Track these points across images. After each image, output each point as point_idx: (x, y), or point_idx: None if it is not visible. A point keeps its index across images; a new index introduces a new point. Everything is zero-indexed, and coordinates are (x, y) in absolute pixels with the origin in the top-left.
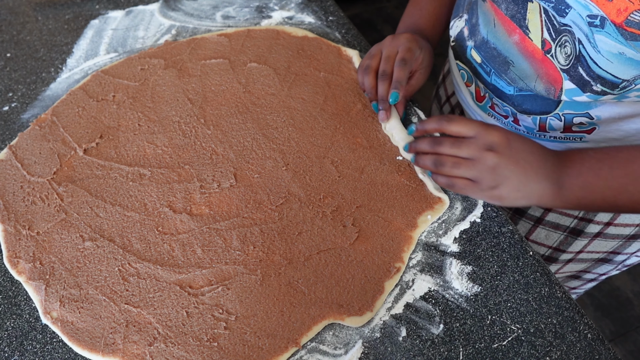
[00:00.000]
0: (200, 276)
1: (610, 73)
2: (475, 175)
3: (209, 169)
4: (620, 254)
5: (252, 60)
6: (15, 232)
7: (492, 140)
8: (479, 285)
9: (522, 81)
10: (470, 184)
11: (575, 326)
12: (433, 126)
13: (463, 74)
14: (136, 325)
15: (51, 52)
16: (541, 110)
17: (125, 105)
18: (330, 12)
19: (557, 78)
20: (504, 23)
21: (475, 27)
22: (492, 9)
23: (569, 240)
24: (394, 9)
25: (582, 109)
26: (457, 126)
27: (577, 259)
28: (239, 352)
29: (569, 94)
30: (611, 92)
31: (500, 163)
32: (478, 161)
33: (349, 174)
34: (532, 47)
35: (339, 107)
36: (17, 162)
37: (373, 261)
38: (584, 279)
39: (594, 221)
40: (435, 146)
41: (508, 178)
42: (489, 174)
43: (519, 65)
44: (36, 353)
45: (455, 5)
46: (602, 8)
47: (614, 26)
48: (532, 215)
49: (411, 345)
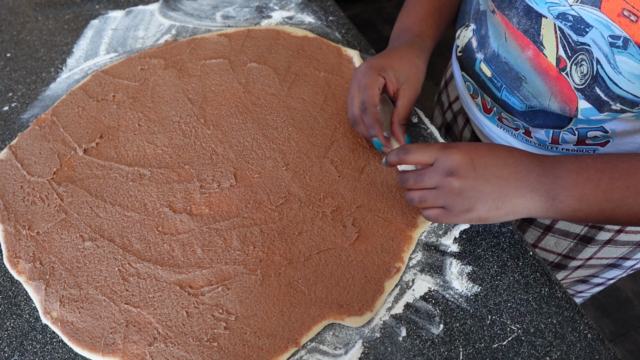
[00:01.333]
0: (200, 276)
1: (631, 93)
2: (444, 203)
3: (209, 169)
4: (629, 259)
5: (252, 60)
6: (15, 232)
7: (451, 164)
8: (479, 285)
9: (535, 99)
10: (442, 211)
11: (575, 326)
12: (394, 159)
13: (469, 86)
14: (136, 325)
15: (51, 52)
16: (554, 125)
17: (125, 105)
18: (330, 12)
19: (572, 97)
20: (516, 37)
21: (485, 39)
22: (502, 22)
23: (579, 248)
24: (394, 9)
25: (596, 123)
26: (415, 156)
27: (586, 265)
28: (239, 352)
29: (585, 113)
30: (630, 111)
31: (466, 186)
32: (442, 189)
33: (349, 174)
34: (546, 64)
35: (339, 107)
36: (17, 162)
37: (373, 261)
38: (592, 283)
39: (605, 228)
40: (402, 183)
41: (480, 199)
42: (456, 200)
43: (532, 82)
44: (36, 353)
45: (460, 12)
46: (625, 29)
47: (637, 47)
48: (542, 223)
49: (411, 345)
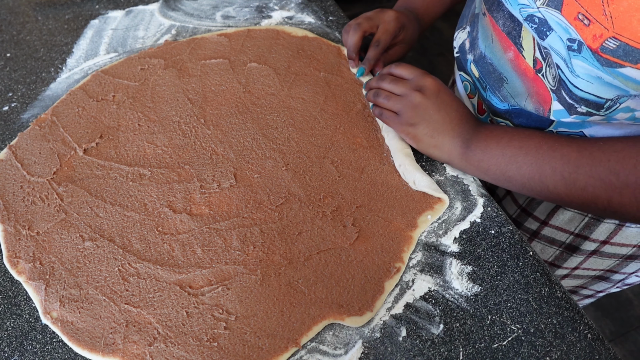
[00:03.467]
0: (200, 276)
1: (592, 94)
2: (399, 109)
3: (209, 169)
4: (617, 272)
5: (252, 60)
6: (15, 232)
7: (423, 84)
8: (479, 285)
9: (513, 99)
10: (394, 115)
11: (575, 326)
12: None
13: (466, 85)
14: (136, 325)
15: (51, 52)
16: (535, 126)
17: (125, 105)
18: (330, 12)
19: (547, 98)
20: (500, 39)
21: (475, 41)
22: (490, 23)
23: (565, 256)
24: None
25: (575, 128)
26: (400, 69)
27: (573, 275)
28: (239, 352)
29: (556, 115)
30: (597, 113)
31: (422, 103)
32: (405, 97)
33: (349, 174)
34: (524, 65)
35: (339, 107)
36: (17, 162)
37: (373, 261)
38: (581, 295)
39: (590, 238)
40: (379, 81)
41: (425, 120)
42: (410, 110)
43: (512, 83)
44: (36, 353)
45: (460, 15)
46: (579, 32)
47: (590, 51)
48: (529, 228)
49: (411, 345)
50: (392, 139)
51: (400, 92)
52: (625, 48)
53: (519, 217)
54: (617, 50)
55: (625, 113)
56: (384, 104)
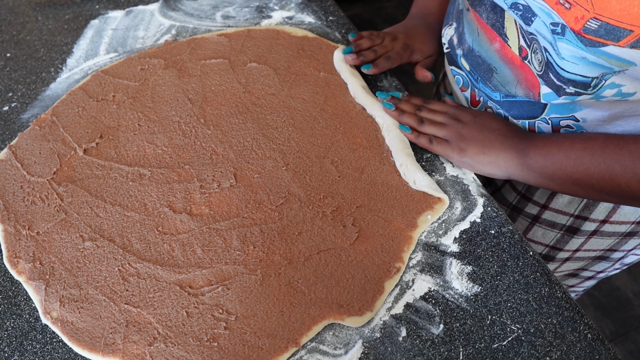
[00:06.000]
0: (200, 276)
1: (578, 74)
2: (446, 135)
3: (209, 169)
4: (617, 251)
5: (252, 60)
6: (15, 232)
7: (460, 114)
8: (479, 285)
9: (504, 87)
10: (445, 142)
11: (575, 326)
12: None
13: (458, 79)
14: (136, 325)
15: (51, 52)
16: (528, 115)
17: (125, 105)
18: (330, 12)
19: (535, 83)
20: (486, 32)
21: (462, 36)
22: (475, 18)
23: (566, 239)
24: (394, 9)
25: (567, 112)
26: (435, 104)
27: (575, 257)
28: (239, 352)
29: (546, 98)
30: (585, 92)
31: (465, 129)
32: (448, 126)
33: (349, 174)
34: (511, 54)
35: (339, 107)
36: (17, 162)
37: (373, 261)
38: (582, 277)
39: (589, 219)
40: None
41: (473, 141)
42: (457, 137)
43: (502, 72)
44: (36, 353)
45: (446, 13)
46: (562, 16)
47: (573, 33)
48: (529, 214)
49: (411, 345)
50: (393, 138)
51: (441, 121)
52: (607, 27)
53: (519, 203)
54: (598, 30)
55: (611, 89)
56: (432, 131)
